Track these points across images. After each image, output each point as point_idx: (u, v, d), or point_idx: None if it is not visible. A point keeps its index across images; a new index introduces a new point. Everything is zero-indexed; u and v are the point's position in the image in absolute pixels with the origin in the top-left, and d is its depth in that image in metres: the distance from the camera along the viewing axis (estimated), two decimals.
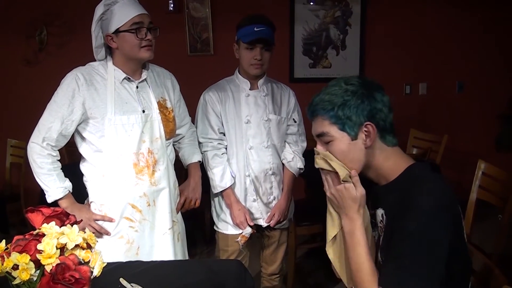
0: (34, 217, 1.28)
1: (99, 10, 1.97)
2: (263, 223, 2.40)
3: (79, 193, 2.11)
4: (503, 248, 2.44)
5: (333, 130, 1.33)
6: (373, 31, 4.53)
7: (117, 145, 1.98)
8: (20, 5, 4.39)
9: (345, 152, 1.33)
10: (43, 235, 1.19)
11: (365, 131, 1.30)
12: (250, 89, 2.34)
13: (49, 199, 1.98)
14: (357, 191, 1.33)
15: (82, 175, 2.10)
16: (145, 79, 2.08)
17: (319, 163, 1.39)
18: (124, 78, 2.01)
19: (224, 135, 2.35)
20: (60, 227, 1.24)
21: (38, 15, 4.38)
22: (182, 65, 4.44)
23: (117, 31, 1.94)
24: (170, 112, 2.15)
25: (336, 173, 1.35)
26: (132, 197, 2.03)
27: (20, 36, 4.43)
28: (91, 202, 2.08)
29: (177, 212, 2.23)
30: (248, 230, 2.36)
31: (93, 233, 1.81)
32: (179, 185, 2.27)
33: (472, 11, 4.43)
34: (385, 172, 1.35)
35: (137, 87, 2.05)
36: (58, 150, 2.04)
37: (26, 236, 1.19)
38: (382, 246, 1.32)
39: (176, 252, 2.17)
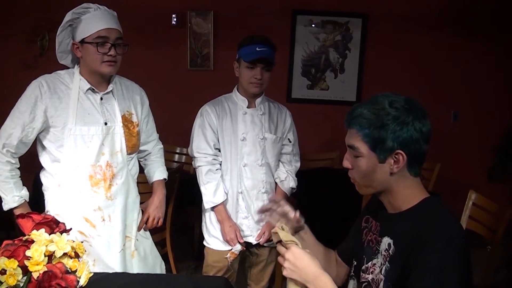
0: (24, 223, 1.28)
1: (67, 17, 1.97)
2: (252, 240, 2.39)
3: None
4: (491, 280, 2.44)
5: (364, 148, 1.30)
6: (372, 57, 4.57)
7: (74, 155, 1.95)
8: (24, 10, 4.42)
9: (369, 171, 1.32)
10: (32, 241, 1.19)
11: (394, 157, 1.29)
12: (247, 107, 2.36)
13: (5, 207, 1.96)
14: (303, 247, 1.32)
15: (41, 184, 2.08)
16: (111, 91, 2.06)
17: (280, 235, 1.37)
18: (89, 89, 1.99)
19: (219, 151, 2.36)
20: (49, 234, 1.24)
21: (41, 20, 4.40)
22: (181, 79, 4.47)
23: (82, 41, 1.93)
24: (135, 127, 2.13)
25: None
26: (86, 210, 1.99)
27: (21, 40, 4.45)
28: (47, 212, 2.05)
29: (139, 230, 2.18)
30: (238, 247, 2.36)
31: None
32: (142, 201, 2.23)
33: (470, 42, 4.48)
34: (400, 201, 1.34)
35: (101, 98, 2.02)
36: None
37: (15, 242, 1.19)
38: (388, 277, 1.30)
39: (130, 268, 2.09)
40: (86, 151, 1.96)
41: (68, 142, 1.94)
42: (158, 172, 2.30)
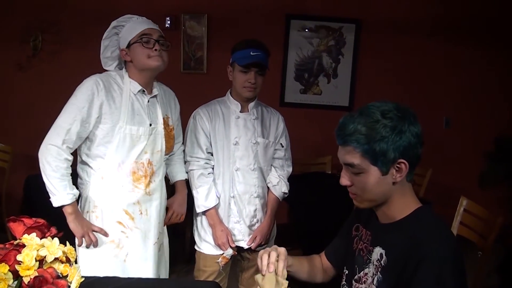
0: (16, 227, 1.27)
1: (112, 24, 2.10)
2: (244, 245, 2.39)
3: None
4: (481, 286, 2.45)
5: (365, 163, 1.29)
6: (365, 62, 4.59)
7: (121, 152, 2.04)
8: (17, 10, 4.39)
9: (373, 186, 1.31)
10: (23, 245, 1.18)
11: (397, 167, 1.28)
12: (240, 111, 2.36)
13: (56, 202, 1.97)
14: None
15: (77, 177, 2.12)
16: (156, 95, 2.18)
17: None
18: (139, 91, 2.10)
19: (212, 155, 2.36)
20: (40, 239, 1.23)
21: (34, 21, 4.38)
22: (174, 82, 4.42)
23: (128, 45, 2.05)
24: (172, 130, 2.25)
25: None
26: (126, 202, 2.09)
27: (15, 40, 4.42)
28: (89, 203, 2.09)
29: (164, 225, 2.31)
30: (230, 251, 2.35)
31: (88, 244, 1.96)
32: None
33: (463, 48, 4.50)
34: (394, 210, 1.34)
35: (148, 101, 2.13)
36: None
37: (7, 246, 1.18)
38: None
39: (160, 262, 2.26)
40: (133, 148, 2.06)
41: (117, 139, 2.03)
42: (181, 172, 2.40)
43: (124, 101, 2.05)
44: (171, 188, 2.40)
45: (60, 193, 1.96)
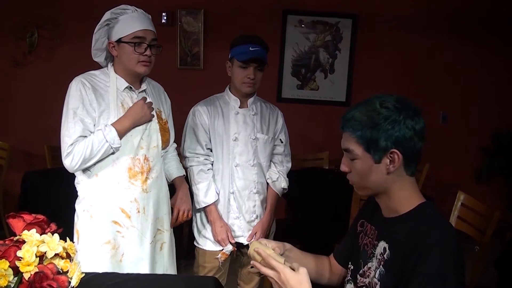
0: (15, 223, 1.27)
1: (105, 16, 2.02)
2: (244, 240, 2.39)
3: (70, 198, 2.11)
4: (478, 280, 2.47)
5: (358, 150, 1.32)
6: (362, 57, 4.60)
7: None
8: (12, 6, 4.38)
9: (365, 173, 1.33)
10: (23, 242, 1.18)
11: (390, 156, 1.29)
12: (239, 107, 2.36)
13: (116, 141, 1.95)
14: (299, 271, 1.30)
15: (73, 176, 2.10)
16: (145, 90, 2.14)
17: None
18: (126, 87, 2.06)
19: (211, 151, 2.35)
20: (40, 234, 1.23)
21: (30, 17, 4.37)
22: (171, 78, 4.44)
23: (119, 41, 1.99)
24: (166, 123, 2.21)
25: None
26: (123, 201, 2.05)
27: (11, 37, 4.41)
28: (80, 201, 2.06)
29: (171, 226, 2.25)
30: (229, 247, 2.35)
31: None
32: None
33: (460, 43, 4.52)
34: (396, 203, 1.35)
35: (137, 96, 2.10)
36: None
37: (6, 242, 1.18)
38: (382, 282, 1.31)
39: (164, 262, 2.20)
40: (127, 144, 2.02)
41: None
42: (177, 169, 2.35)
43: (112, 98, 2.01)
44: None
45: (106, 138, 1.93)
